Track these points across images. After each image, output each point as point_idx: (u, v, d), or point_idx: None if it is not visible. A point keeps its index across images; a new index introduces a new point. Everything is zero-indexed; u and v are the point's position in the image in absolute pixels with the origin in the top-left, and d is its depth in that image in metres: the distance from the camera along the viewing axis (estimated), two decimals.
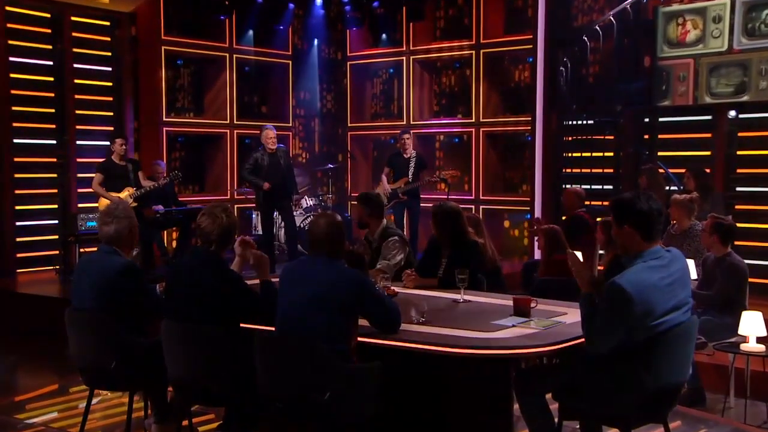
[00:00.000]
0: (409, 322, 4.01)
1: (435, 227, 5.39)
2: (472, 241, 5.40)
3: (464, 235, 5.36)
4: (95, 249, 4.29)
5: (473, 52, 11.38)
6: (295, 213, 10.19)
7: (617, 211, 3.51)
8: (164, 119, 10.99)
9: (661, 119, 9.43)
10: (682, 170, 8.30)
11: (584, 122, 9.56)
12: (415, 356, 3.77)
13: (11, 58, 9.58)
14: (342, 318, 3.60)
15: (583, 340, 3.56)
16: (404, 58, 12.12)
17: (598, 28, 9.31)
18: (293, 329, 3.63)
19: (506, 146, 11.64)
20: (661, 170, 8.57)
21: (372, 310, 3.74)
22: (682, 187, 8.11)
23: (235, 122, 11.82)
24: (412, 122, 12.06)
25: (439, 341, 3.73)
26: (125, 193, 8.57)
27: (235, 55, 11.71)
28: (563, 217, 8.88)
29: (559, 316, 4.21)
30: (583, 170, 9.43)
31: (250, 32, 11.85)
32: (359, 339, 3.74)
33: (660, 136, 9.50)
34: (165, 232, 10.50)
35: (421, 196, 10.23)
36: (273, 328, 3.80)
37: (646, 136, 9.63)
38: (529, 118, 10.14)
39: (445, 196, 10.53)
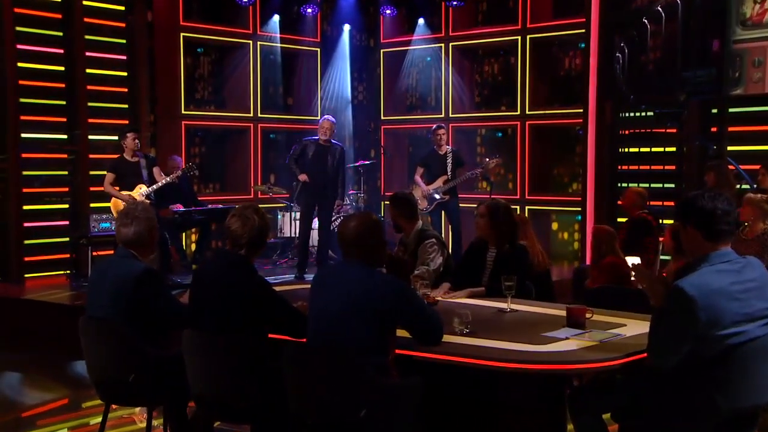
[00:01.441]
0: (452, 333, 3.99)
1: (489, 226, 5.34)
2: (520, 246, 5.37)
3: (514, 237, 5.33)
4: (110, 252, 4.32)
5: (519, 37, 11.32)
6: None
7: (680, 211, 3.49)
8: (183, 112, 11.09)
9: (731, 110, 9.26)
10: (756, 167, 8.11)
11: (643, 114, 9.45)
12: (458, 371, 3.75)
13: (19, 46, 9.66)
14: (379, 329, 3.58)
15: (645, 354, 3.52)
16: (443, 45, 12.10)
17: (659, 9, 9.20)
18: (325, 341, 3.62)
19: (555, 141, 11.57)
20: (731, 167, 8.41)
21: (413, 320, 3.72)
22: (755, 186, 7.94)
23: (258, 115, 11.88)
24: (450, 115, 12.04)
25: (486, 354, 3.70)
26: (137, 191, 8.64)
27: (259, 43, 11.78)
28: (620, 219, 8.79)
29: (617, 327, 4.16)
30: (641, 167, 9.32)
31: (276, 17, 11.91)
32: (397, 351, 3.73)
33: (730, 129, 9.32)
34: (183, 233, 10.57)
35: (459, 195, 10.20)
36: (304, 340, 3.80)
37: (714, 129, 9.46)
38: (581, 110, 10.07)
39: (488, 195, 10.50)
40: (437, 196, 9.91)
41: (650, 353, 3.43)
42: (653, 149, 9.36)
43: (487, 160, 10.16)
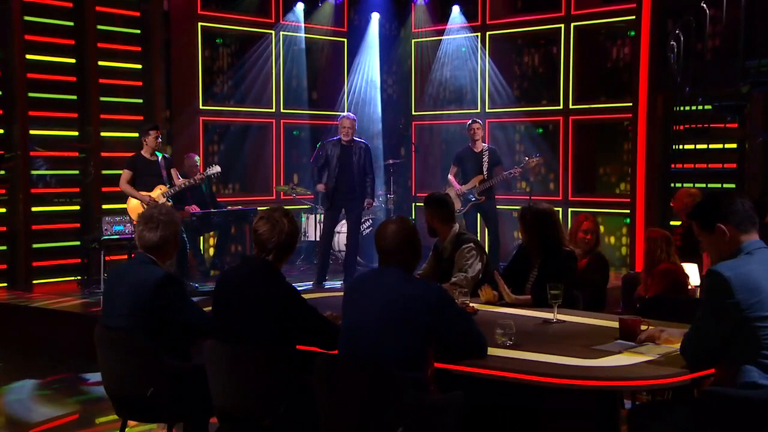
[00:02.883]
0: (494, 345, 3.97)
1: (524, 232, 5.35)
2: (567, 251, 5.33)
3: (558, 242, 5.29)
4: (124, 257, 4.35)
5: (562, 25, 11.27)
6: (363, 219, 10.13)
7: (704, 214, 3.62)
8: (201, 107, 11.15)
9: None
10: None
11: (700, 107, 9.34)
12: (502, 386, 3.74)
13: (27, 37, 9.77)
14: (418, 340, 3.58)
15: (712, 370, 3.51)
16: (479, 34, 12.07)
17: None
18: (360, 353, 3.62)
19: (601, 138, 11.51)
20: None
21: (455, 331, 3.71)
22: None
23: (281, 111, 11.92)
24: (487, 110, 12.01)
25: (531, 369, 3.69)
26: (157, 192, 8.68)
27: (281, 33, 11.82)
28: (672, 222, 8.71)
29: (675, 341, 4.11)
30: (698, 166, 9.20)
31: (299, 5, 11.95)
32: (436, 365, 3.72)
33: None
34: (201, 237, 10.62)
35: (496, 196, 10.18)
36: (335, 352, 3.80)
37: None
38: (630, 104, 10.01)
39: (527, 197, 10.45)
40: (472, 197, 9.90)
41: (685, 344, 3.56)
42: (711, 146, 9.24)
43: (527, 159, 10.12)
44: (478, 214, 10.23)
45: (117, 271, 4.53)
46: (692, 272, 6.31)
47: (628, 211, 10.10)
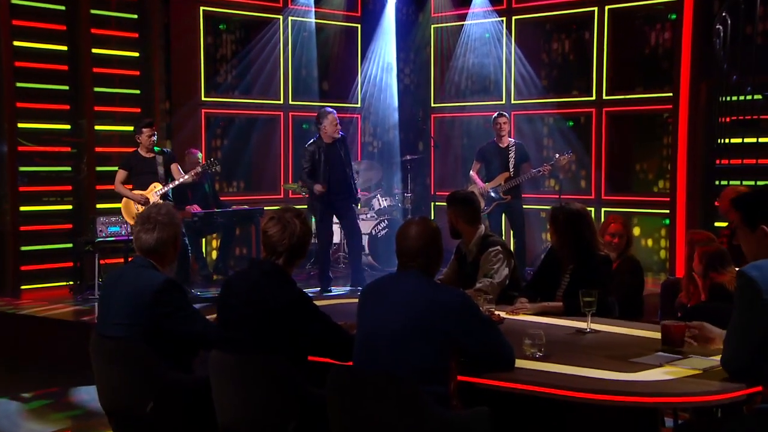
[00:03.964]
0: (522, 357, 3.97)
1: (554, 234, 5.34)
2: (602, 256, 5.32)
3: (592, 245, 5.28)
4: (120, 261, 4.36)
5: (595, 9, 11.25)
6: (363, 217, 10.19)
7: (747, 212, 3.62)
8: (203, 99, 11.18)
9: None
10: None
11: (748, 97, 9.29)
12: (530, 401, 3.73)
13: (15, 22, 9.79)
14: (440, 351, 3.58)
15: (760, 388, 3.49)
16: (504, 18, 12.05)
17: None
18: (377, 365, 3.62)
19: (638, 131, 11.48)
20: None
21: (480, 342, 3.71)
22: None
23: (289, 102, 11.93)
24: (513, 101, 11.99)
25: (562, 383, 3.68)
26: (151, 191, 8.71)
27: (290, 18, 11.84)
28: (717, 224, 8.66)
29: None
30: (746, 161, 9.17)
31: None
32: (460, 378, 3.72)
33: None
34: (203, 239, 10.65)
35: (523, 195, 10.16)
36: (350, 364, 3.81)
37: None
38: (670, 94, 9.98)
39: (556, 195, 10.44)
40: (497, 196, 9.89)
41: (723, 354, 3.59)
42: (761, 140, 9.20)
43: (557, 156, 10.11)
44: (503, 215, 10.21)
45: (114, 276, 4.52)
46: None
47: (668, 211, 10.06)
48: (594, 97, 11.31)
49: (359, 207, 10.52)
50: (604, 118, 11.25)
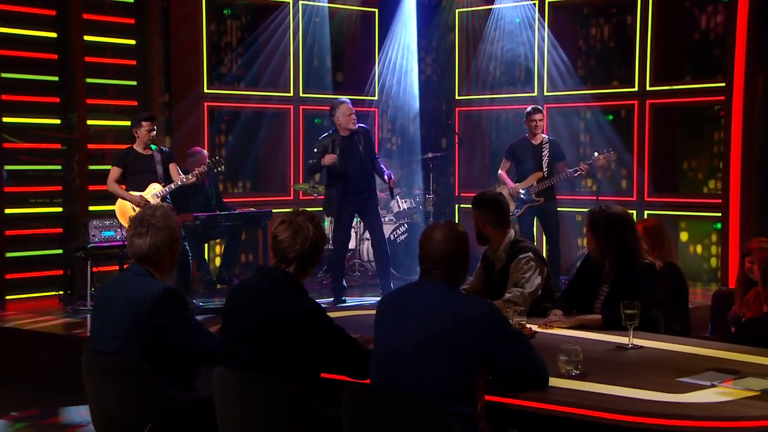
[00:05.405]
0: (557, 375, 3.98)
1: (594, 241, 5.32)
2: (645, 264, 5.31)
3: (635, 252, 5.28)
4: (115, 268, 4.36)
5: None
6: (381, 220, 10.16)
7: None
8: (205, 91, 11.21)
9: None
10: None
11: None
12: (566, 424, 3.73)
13: (1, 7, 9.83)
14: (466, 368, 3.59)
15: None
16: (536, 1, 12.04)
17: None
18: (396, 383, 3.63)
19: (685, 125, 11.46)
20: None
21: (509, 358, 3.72)
22: None
23: (300, 95, 11.96)
24: (546, 93, 11.98)
25: (603, 404, 3.68)
26: (150, 192, 8.75)
27: (301, 2, 11.87)
28: None
29: None
30: None
31: None
32: (487, 398, 3.73)
33: None
34: (206, 245, 10.67)
35: (557, 197, 10.15)
36: (367, 381, 3.83)
37: None
38: (722, 84, 9.97)
39: (594, 197, 10.43)
40: (528, 198, 9.89)
41: None
42: None
43: (596, 154, 10.09)
44: (535, 218, 10.21)
45: (107, 285, 4.55)
46: None
47: (719, 214, 10.02)
48: (636, 88, 11.28)
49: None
50: (647, 112, 11.22)
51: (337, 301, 9.28)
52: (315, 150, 9.43)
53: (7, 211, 9.89)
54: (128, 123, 9.30)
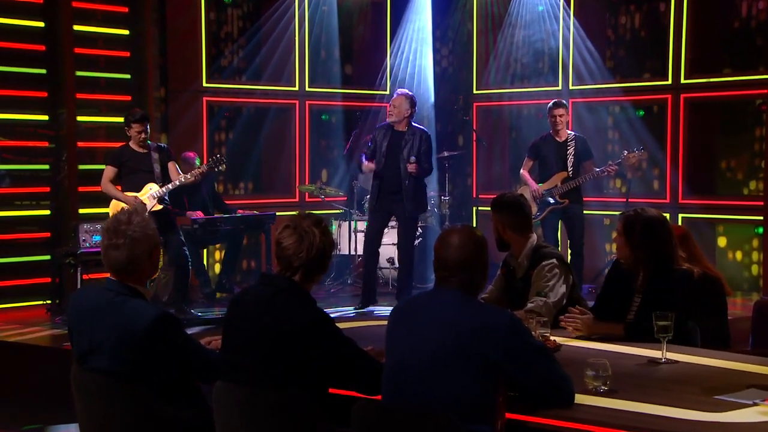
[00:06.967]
0: (583, 391, 3.98)
1: (627, 247, 5.30)
2: (681, 271, 5.29)
3: (672, 259, 5.26)
4: (107, 275, 4.29)
5: None
6: (393, 224, 10.12)
7: None
8: (204, 85, 11.24)
9: None
10: None
11: None
12: None
13: None
14: (484, 383, 3.59)
15: None
16: None
17: None
18: (409, 398, 3.63)
19: (724, 121, 11.44)
20: None
21: (531, 372, 3.72)
22: None
23: (306, 89, 11.97)
24: (571, 87, 11.97)
25: (633, 422, 3.68)
26: (145, 192, 8.76)
27: None
28: None
29: None
30: None
31: None
32: (508, 416, 3.73)
33: None
34: (205, 250, 10.68)
35: (584, 199, 10.14)
36: (378, 398, 3.83)
37: None
38: (765, 77, 9.97)
39: (623, 198, 10.41)
40: (552, 200, 9.87)
41: None
42: None
43: (626, 153, 10.07)
44: (560, 222, 10.20)
45: (84, 305, 4.37)
46: None
47: (761, 218, 10.03)
48: (670, 81, 11.29)
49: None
50: (682, 106, 11.21)
51: (366, 305, 9.34)
52: (369, 139, 9.65)
53: None
54: (121, 119, 9.30)
